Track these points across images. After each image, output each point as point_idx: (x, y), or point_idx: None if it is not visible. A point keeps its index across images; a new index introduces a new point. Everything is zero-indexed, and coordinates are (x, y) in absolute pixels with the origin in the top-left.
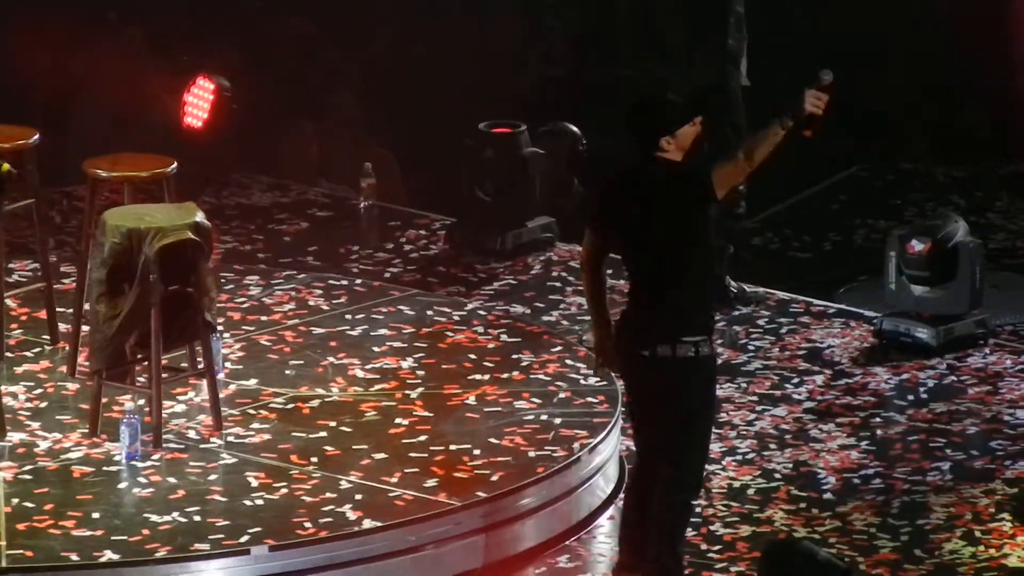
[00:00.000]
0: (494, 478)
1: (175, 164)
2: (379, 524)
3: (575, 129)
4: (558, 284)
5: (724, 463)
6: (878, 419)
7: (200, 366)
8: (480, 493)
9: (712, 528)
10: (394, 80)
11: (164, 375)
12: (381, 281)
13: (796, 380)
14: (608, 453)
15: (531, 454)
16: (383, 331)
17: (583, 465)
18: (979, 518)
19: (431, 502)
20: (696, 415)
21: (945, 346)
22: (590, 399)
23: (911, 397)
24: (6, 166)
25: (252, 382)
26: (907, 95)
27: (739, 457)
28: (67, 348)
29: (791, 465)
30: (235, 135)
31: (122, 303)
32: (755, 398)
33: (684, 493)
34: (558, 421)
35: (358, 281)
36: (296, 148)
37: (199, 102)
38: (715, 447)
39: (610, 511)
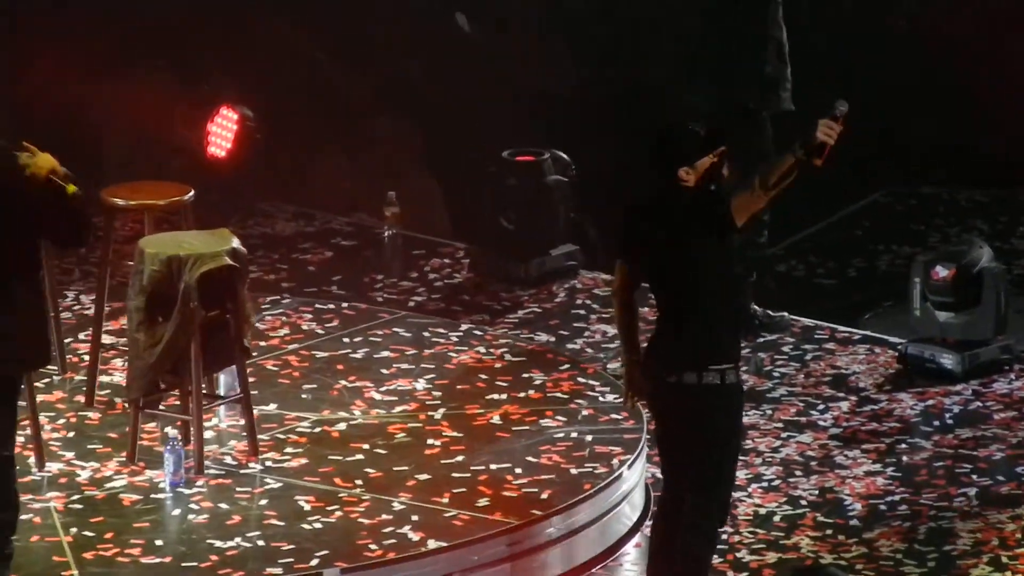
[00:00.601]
0: (543, 496)
1: (192, 192)
2: (444, 544)
3: (565, 156)
4: (583, 312)
5: (750, 490)
6: (904, 445)
7: (222, 391)
8: (535, 511)
9: (738, 555)
10: (412, 105)
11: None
12: (369, 304)
13: (821, 406)
14: (634, 481)
15: (573, 471)
16: (386, 353)
17: (611, 492)
18: (1006, 543)
19: (490, 521)
20: (721, 443)
21: (970, 372)
22: (614, 415)
23: (936, 423)
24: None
25: (272, 407)
26: (929, 119)
27: (765, 484)
28: (73, 378)
29: (817, 492)
30: (259, 164)
31: (161, 331)
32: (780, 425)
33: (709, 521)
34: (589, 438)
35: (344, 304)
36: (321, 178)
37: (222, 132)
38: (741, 474)
39: (636, 538)
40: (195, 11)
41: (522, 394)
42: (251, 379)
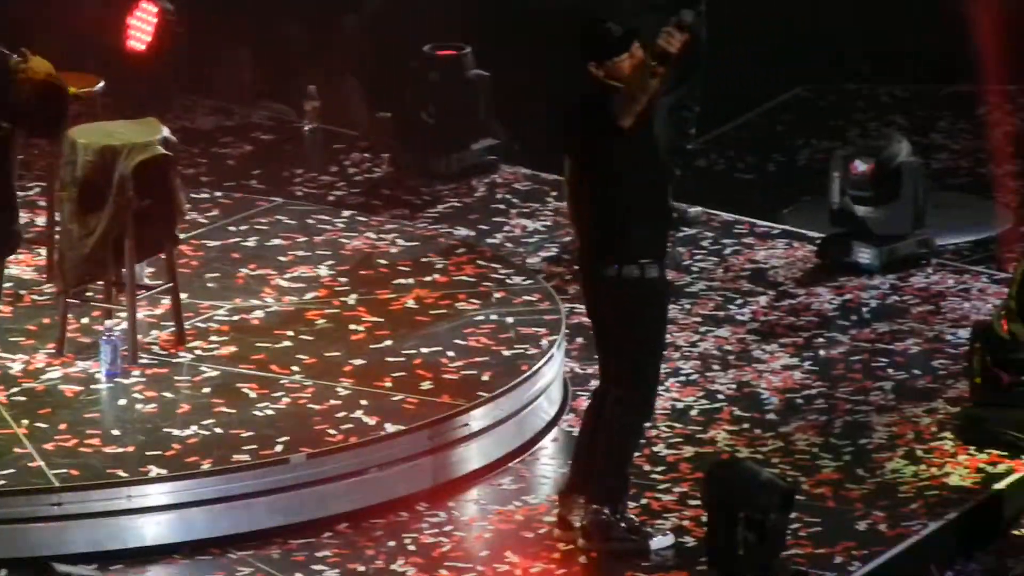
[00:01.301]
0: (484, 378)
1: (103, 83)
2: (403, 427)
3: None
4: (502, 207)
5: (668, 384)
6: (821, 339)
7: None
8: (481, 393)
9: (655, 449)
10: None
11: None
12: (246, 193)
13: (739, 301)
14: (551, 376)
15: (505, 353)
16: (277, 241)
17: (528, 386)
18: (921, 437)
19: (440, 404)
20: (642, 338)
21: (888, 266)
22: (527, 298)
23: (854, 317)
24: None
25: (183, 296)
26: (850, 14)
27: (682, 378)
28: None
29: (734, 386)
30: (178, 58)
31: (94, 221)
32: (699, 319)
33: (632, 415)
34: (510, 320)
35: (218, 193)
36: (235, 72)
37: (142, 25)
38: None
39: (553, 433)
40: None
41: (428, 278)
42: (151, 270)
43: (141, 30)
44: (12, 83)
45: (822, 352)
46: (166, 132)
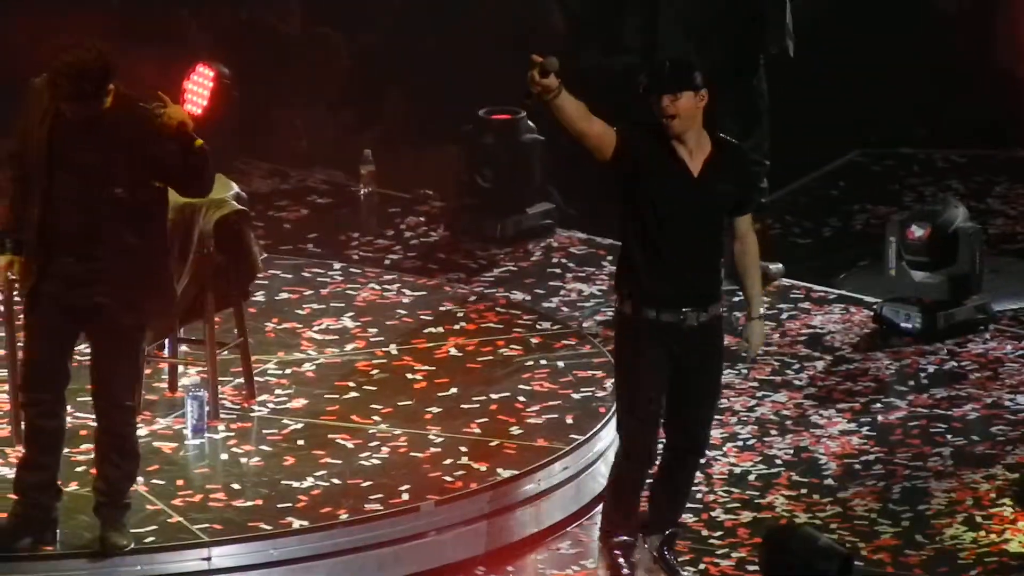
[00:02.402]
0: (568, 420)
1: None
2: (516, 472)
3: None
4: (558, 271)
5: (725, 449)
6: (879, 405)
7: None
8: (574, 436)
9: (713, 514)
10: (389, 63)
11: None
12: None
13: (796, 366)
14: (609, 440)
15: (575, 396)
16: (285, 295)
17: (585, 451)
18: (980, 503)
19: (540, 448)
20: (617, 365)
21: (945, 331)
22: (566, 342)
23: (912, 383)
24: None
25: (224, 354)
26: (908, 80)
27: (740, 443)
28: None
29: (792, 451)
30: (234, 122)
31: (176, 277)
32: (756, 384)
33: (620, 446)
34: (561, 365)
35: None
36: (296, 135)
37: (199, 89)
38: (716, 433)
39: None
40: None
41: (456, 327)
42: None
43: (198, 94)
44: (151, 135)
45: (880, 417)
46: (236, 188)
